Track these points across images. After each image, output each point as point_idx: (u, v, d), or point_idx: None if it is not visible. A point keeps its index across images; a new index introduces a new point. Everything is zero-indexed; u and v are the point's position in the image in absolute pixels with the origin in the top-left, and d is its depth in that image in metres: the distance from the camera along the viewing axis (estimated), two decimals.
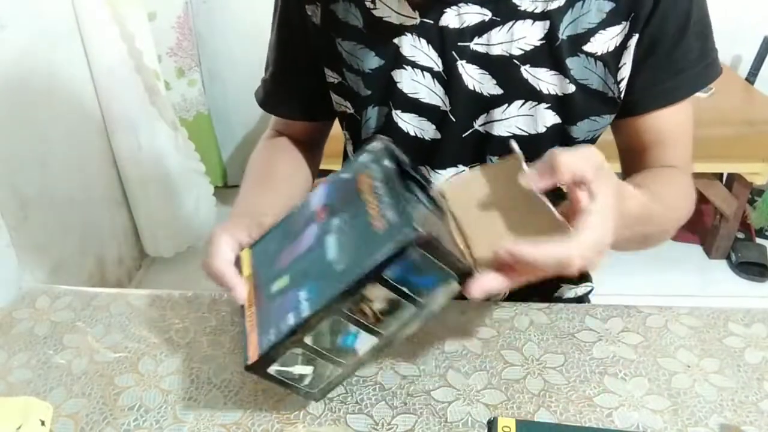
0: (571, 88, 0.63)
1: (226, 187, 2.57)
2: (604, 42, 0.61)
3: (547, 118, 0.65)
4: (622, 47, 0.62)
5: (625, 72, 0.63)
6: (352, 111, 0.72)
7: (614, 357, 0.60)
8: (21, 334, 0.67)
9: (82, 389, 0.59)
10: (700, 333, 0.64)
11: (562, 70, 0.62)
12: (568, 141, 0.67)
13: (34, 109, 1.52)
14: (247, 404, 0.57)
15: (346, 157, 0.83)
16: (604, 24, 0.61)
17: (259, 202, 0.68)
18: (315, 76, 0.72)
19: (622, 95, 0.65)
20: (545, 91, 0.63)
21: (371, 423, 0.54)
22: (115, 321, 0.69)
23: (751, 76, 2.06)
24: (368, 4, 0.64)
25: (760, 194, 2.17)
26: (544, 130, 0.65)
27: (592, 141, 0.69)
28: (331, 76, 0.71)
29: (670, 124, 0.66)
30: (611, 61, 0.62)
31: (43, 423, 0.53)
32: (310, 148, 0.82)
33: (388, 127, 0.69)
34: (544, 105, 0.64)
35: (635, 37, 0.61)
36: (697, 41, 0.62)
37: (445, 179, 0.71)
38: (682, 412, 0.54)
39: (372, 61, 0.66)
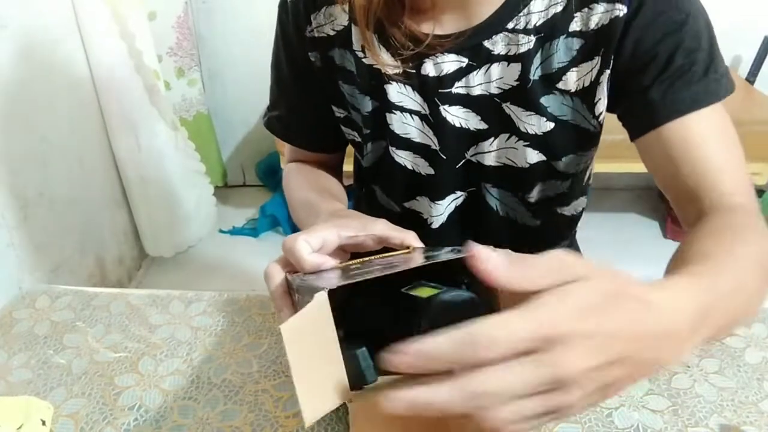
0: (550, 126, 0.64)
1: (226, 187, 2.57)
2: (578, 78, 0.62)
3: (529, 155, 0.66)
4: (596, 83, 0.62)
5: (601, 107, 0.63)
6: (359, 140, 0.75)
7: None
8: (21, 334, 0.67)
9: (82, 389, 0.59)
10: None
11: (537, 109, 0.64)
12: (555, 175, 0.68)
13: (34, 109, 1.52)
14: (247, 404, 0.57)
15: (357, 174, 0.85)
16: (576, 61, 0.62)
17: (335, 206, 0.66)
18: (329, 111, 0.76)
19: (602, 129, 0.66)
20: (523, 130, 0.65)
21: None
22: (115, 321, 0.69)
23: (751, 76, 2.06)
24: (358, 52, 0.68)
25: (760, 194, 2.17)
26: (527, 166, 0.67)
27: (582, 173, 0.71)
28: (338, 112, 0.75)
29: (693, 138, 0.58)
30: (586, 96, 0.63)
31: (43, 423, 0.53)
32: (333, 173, 0.84)
33: (387, 161, 0.72)
34: (523, 142, 0.66)
35: (607, 73, 0.61)
36: (703, 57, 0.58)
37: (444, 207, 0.73)
38: (682, 412, 0.54)
39: (367, 105, 0.70)
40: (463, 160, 0.70)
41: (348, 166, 0.87)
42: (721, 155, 0.58)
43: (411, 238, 0.51)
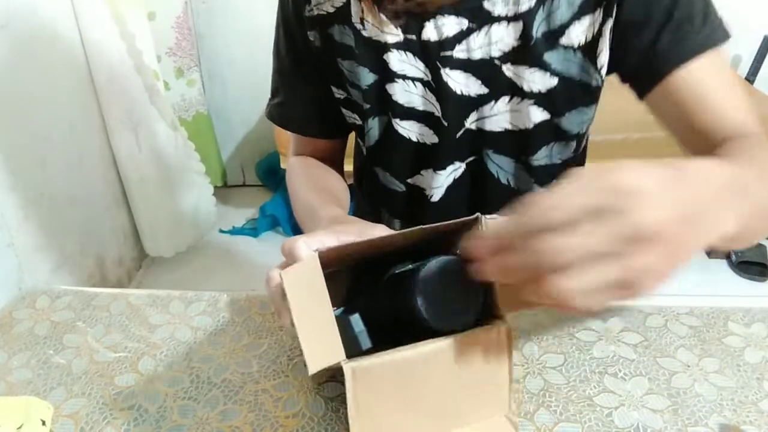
0: (554, 82, 0.65)
1: (226, 187, 2.57)
2: (580, 32, 0.63)
3: (533, 114, 0.67)
4: (598, 35, 0.63)
5: (603, 59, 0.64)
6: (360, 122, 0.75)
7: (614, 356, 0.61)
8: (21, 334, 0.67)
9: (82, 389, 0.59)
10: (699, 332, 0.64)
11: (541, 65, 0.64)
12: (560, 135, 0.69)
13: (34, 108, 1.52)
14: (247, 404, 0.57)
15: (361, 164, 0.85)
16: (577, 15, 0.62)
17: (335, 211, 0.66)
18: (328, 93, 0.76)
19: (604, 82, 0.66)
20: (527, 89, 0.65)
21: None
22: (115, 321, 0.69)
23: (751, 76, 2.06)
24: (357, 25, 0.68)
25: None
26: (532, 126, 0.67)
27: (582, 136, 0.71)
28: (338, 93, 0.75)
29: (699, 81, 0.60)
30: (589, 50, 0.64)
31: (43, 423, 0.53)
32: (335, 165, 0.84)
33: (391, 136, 0.72)
34: (528, 101, 0.66)
35: (610, 22, 0.61)
36: (701, 7, 0.60)
37: (444, 178, 0.73)
38: (682, 411, 0.54)
39: (367, 78, 0.70)
40: (464, 129, 0.70)
41: (348, 167, 0.87)
42: (728, 94, 0.62)
43: None
